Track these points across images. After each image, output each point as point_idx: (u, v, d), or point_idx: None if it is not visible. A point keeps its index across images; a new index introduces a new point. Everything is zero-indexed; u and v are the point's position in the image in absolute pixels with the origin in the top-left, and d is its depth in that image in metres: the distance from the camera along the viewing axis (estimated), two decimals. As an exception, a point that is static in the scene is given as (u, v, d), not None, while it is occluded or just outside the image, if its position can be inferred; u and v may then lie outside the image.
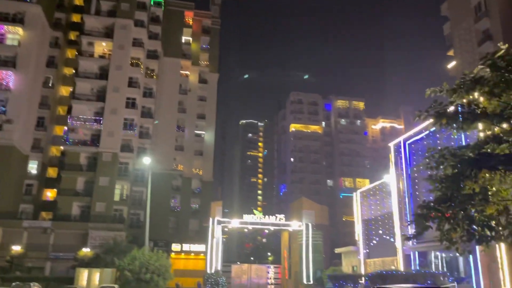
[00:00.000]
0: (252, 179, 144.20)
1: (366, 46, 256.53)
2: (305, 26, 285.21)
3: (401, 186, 28.98)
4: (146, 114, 58.67)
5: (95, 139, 52.30)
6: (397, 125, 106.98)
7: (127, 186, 53.32)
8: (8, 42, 51.00)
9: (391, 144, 31.16)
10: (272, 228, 48.13)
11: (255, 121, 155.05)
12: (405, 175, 28.76)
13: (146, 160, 37.31)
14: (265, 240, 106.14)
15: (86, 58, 54.94)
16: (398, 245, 28.92)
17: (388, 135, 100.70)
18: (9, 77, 49.71)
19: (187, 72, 66.28)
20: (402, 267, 27.59)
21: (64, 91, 56.04)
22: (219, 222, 45.59)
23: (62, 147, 52.92)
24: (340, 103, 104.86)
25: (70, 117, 52.37)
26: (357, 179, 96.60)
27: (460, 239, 10.28)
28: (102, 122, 52.49)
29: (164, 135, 60.76)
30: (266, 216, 47.06)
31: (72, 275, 35.17)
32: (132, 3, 57.36)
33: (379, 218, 34.43)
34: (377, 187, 34.85)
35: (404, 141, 29.27)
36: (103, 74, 54.50)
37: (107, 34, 56.12)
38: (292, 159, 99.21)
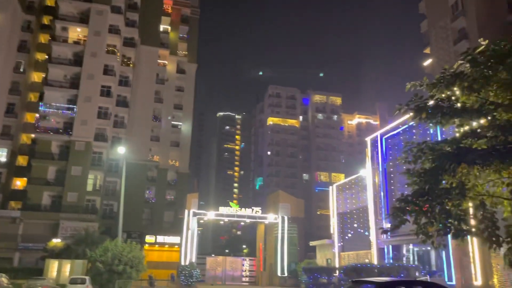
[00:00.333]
0: (229, 172, 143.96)
1: (344, 43, 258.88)
2: (285, 21, 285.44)
3: (377, 181, 29.32)
4: (122, 103, 57.49)
5: (68, 127, 50.90)
6: (373, 121, 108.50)
7: (101, 176, 52.30)
8: (-23, 24, 48.90)
9: (368, 139, 31.44)
10: (248, 221, 48.13)
11: (233, 114, 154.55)
12: (381, 170, 29.09)
13: (121, 150, 36.52)
14: (240, 233, 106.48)
15: (60, 44, 53.26)
16: (373, 239, 29.31)
17: (364, 131, 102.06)
18: (-23, 61, 47.73)
19: (165, 62, 65.18)
20: (376, 260, 27.99)
21: (36, 77, 54.27)
22: (195, 214, 45.23)
23: (33, 135, 51.29)
24: (318, 98, 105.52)
25: (42, 104, 50.80)
26: (333, 174, 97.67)
27: (437, 233, 10.35)
28: (76, 110, 51.13)
29: (140, 125, 59.68)
30: (243, 209, 47.03)
31: (42, 266, 34.38)
32: (109, -12, 55.84)
33: (354, 212, 34.83)
34: (353, 181, 35.20)
35: (381, 136, 29.57)
36: (78, 61, 52.99)
37: (82, 20, 54.47)
38: (269, 153, 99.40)
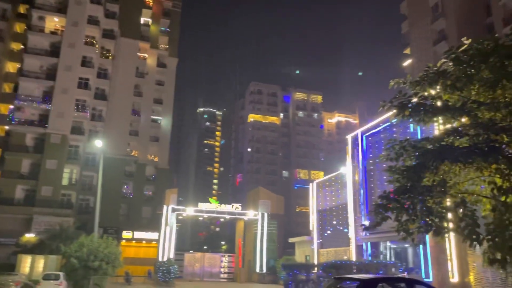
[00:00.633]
0: (208, 168, 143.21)
1: (325, 42, 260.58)
2: (266, 19, 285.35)
3: (357, 178, 29.52)
4: (100, 96, 56.36)
5: (44, 120, 49.53)
6: (352, 120, 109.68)
7: (77, 170, 51.22)
8: None
9: (349, 136, 31.62)
10: (228, 217, 47.98)
11: (214, 110, 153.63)
12: (361, 167, 29.29)
13: (98, 143, 35.73)
14: (219, 229, 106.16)
15: (36, 34, 51.65)
16: (351, 236, 29.53)
17: (343, 129, 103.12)
18: None
19: (145, 55, 64.16)
20: (354, 257, 28.22)
21: (11, 67, 52.56)
22: (174, 210, 44.79)
23: (7, 127, 49.66)
24: (299, 96, 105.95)
25: (17, 95, 49.21)
26: (312, 171, 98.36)
27: (418, 230, 10.37)
28: (52, 102, 49.80)
29: (119, 119, 58.60)
30: (222, 205, 46.84)
31: (14, 262, 33.38)
32: (89, -22, 54.52)
33: (334, 209, 35.03)
34: (333, 179, 35.39)
35: (362, 134, 29.75)
36: (55, 52, 51.52)
37: (60, 9, 53.00)
38: (249, 149, 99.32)
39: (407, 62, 47.22)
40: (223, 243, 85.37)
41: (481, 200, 10.06)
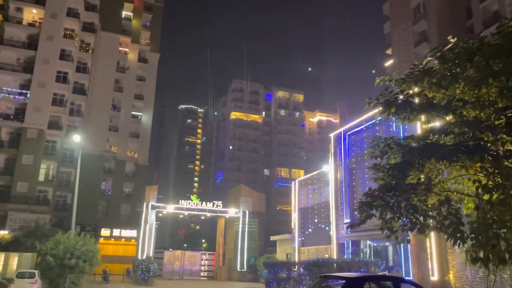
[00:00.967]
0: (189, 166, 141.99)
1: (308, 41, 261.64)
2: (249, 17, 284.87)
3: (339, 176, 29.60)
4: (79, 91, 55.16)
5: (20, 114, 48.15)
6: (333, 119, 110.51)
7: (54, 166, 50.00)
8: None
9: (332, 135, 31.69)
10: (209, 215, 47.60)
11: (195, 107, 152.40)
12: (343, 166, 29.39)
13: (76, 138, 34.80)
14: (199, 227, 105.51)
15: (13, 25, 50.15)
16: (333, 234, 29.61)
17: (325, 128, 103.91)
18: None
19: (126, 50, 63.06)
20: (335, 255, 28.31)
21: (-14, 59, 50.90)
22: (154, 207, 44.16)
23: (-19, 120, 48.16)
24: (281, 94, 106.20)
25: (-8, 88, 47.76)
26: (293, 170, 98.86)
27: (402, 228, 10.33)
28: (29, 96, 48.46)
29: (98, 114, 57.45)
30: (204, 202, 46.42)
31: (-13, 260, 32.36)
32: (68, -31, 53.22)
33: (316, 207, 35.10)
34: (315, 177, 35.45)
35: (344, 132, 29.84)
36: (32, 44, 50.16)
37: (38, 1, 51.56)
38: (231, 147, 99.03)
39: (389, 63, 47.71)
40: (203, 241, 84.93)
41: (464, 199, 10.08)
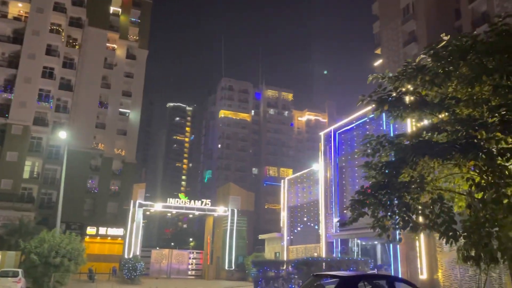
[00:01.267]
0: (177, 164, 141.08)
1: (296, 41, 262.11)
2: (238, 15, 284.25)
3: (329, 175, 29.56)
4: (65, 87, 54.23)
5: (4, 110, 47.11)
6: (322, 119, 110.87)
7: (39, 163, 49.12)
8: None
9: (322, 133, 31.65)
10: (197, 213, 47.30)
11: (184, 105, 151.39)
12: (333, 164, 29.35)
13: (62, 135, 34.10)
14: (186, 226, 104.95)
15: (-2, 19, 49.21)
16: (322, 232, 29.58)
17: (313, 128, 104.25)
18: None
19: (114, 46, 62.21)
20: (324, 254, 28.28)
21: (-31, 53, 49.79)
22: (141, 205, 43.70)
23: (-37, 116, 47.08)
24: (270, 93, 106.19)
25: (-25, 83, 46.73)
26: (281, 169, 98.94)
27: (394, 227, 10.25)
28: (14, 91, 47.48)
29: (85, 111, 56.56)
30: (192, 201, 46.08)
31: (-32, 258, 31.64)
32: (55, -37, 52.27)
33: (305, 206, 35.05)
34: (305, 175, 35.39)
35: (334, 131, 29.80)
36: (18, 38, 49.14)
37: (24, -6, 50.65)
38: (219, 146, 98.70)
39: (378, 62, 47.87)
40: (191, 240, 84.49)
41: (456, 197, 10.04)
